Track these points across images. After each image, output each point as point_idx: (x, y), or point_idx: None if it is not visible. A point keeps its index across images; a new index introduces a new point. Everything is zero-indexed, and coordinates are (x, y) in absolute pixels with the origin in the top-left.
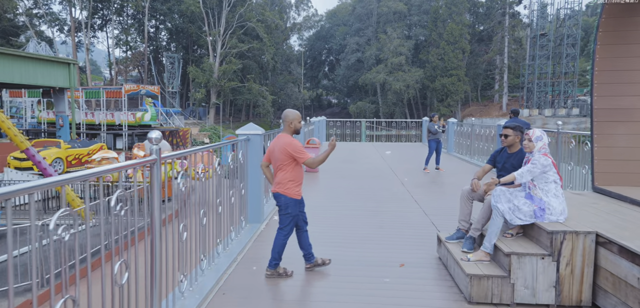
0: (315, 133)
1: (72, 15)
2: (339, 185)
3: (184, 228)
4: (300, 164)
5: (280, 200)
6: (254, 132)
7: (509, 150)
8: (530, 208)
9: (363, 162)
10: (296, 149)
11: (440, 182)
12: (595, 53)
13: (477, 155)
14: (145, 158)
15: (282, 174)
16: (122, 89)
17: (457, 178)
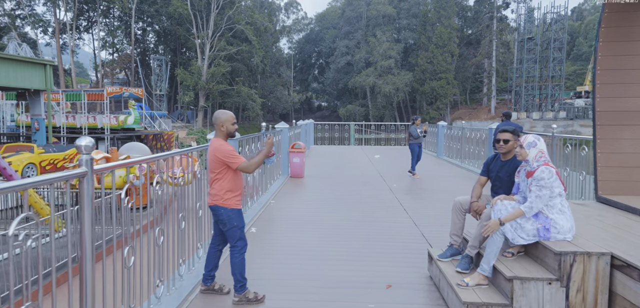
0: (302, 137)
1: (57, 16)
2: (325, 191)
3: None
4: (238, 172)
5: (220, 213)
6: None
7: (502, 157)
8: (534, 226)
9: (351, 166)
10: (226, 153)
11: (430, 188)
12: (597, 51)
13: (467, 159)
14: (72, 171)
15: (219, 184)
16: (104, 92)
17: (448, 184)
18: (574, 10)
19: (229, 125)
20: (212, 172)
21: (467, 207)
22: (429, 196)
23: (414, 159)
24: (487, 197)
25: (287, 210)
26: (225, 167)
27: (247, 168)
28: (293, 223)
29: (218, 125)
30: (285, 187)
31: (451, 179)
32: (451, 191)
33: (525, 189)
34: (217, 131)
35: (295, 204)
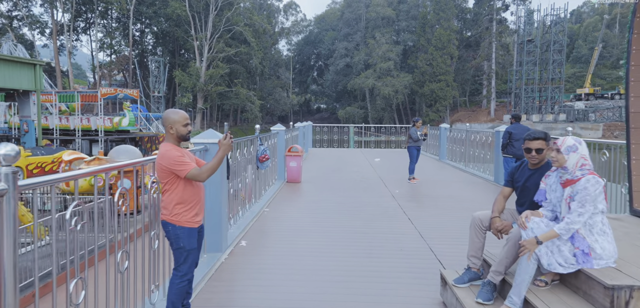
0: (299, 139)
1: (54, 18)
2: (323, 198)
3: None
4: (193, 182)
5: (167, 230)
6: (212, 140)
7: (531, 165)
8: (572, 249)
9: (350, 170)
10: (172, 160)
11: (434, 194)
12: (631, 44)
13: (472, 163)
14: None
15: (167, 196)
16: (98, 93)
17: (453, 190)
18: (573, 13)
19: (180, 127)
20: (161, 182)
21: (488, 224)
22: (434, 203)
23: (413, 163)
24: (510, 212)
25: (281, 219)
26: (173, 176)
27: (199, 176)
28: (287, 236)
29: (167, 128)
30: (281, 193)
31: (455, 184)
32: (456, 198)
33: (556, 201)
34: (166, 134)
35: (290, 213)
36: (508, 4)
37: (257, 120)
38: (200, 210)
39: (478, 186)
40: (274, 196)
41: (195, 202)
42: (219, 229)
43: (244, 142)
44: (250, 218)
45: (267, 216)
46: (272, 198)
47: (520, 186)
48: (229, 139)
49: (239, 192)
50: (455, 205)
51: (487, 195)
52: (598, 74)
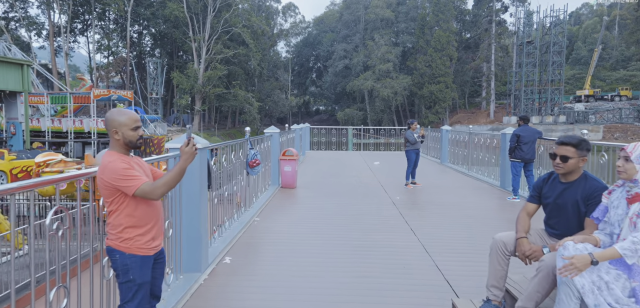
0: (296, 143)
1: (51, 19)
2: (319, 206)
3: None
4: (145, 200)
5: (114, 259)
6: (203, 145)
7: (563, 178)
8: (627, 285)
9: (349, 174)
10: (115, 174)
11: (437, 201)
12: None
13: (476, 167)
14: None
15: (113, 218)
16: (91, 94)
17: (456, 196)
18: (571, 15)
19: (127, 131)
20: (105, 201)
21: (513, 248)
22: (438, 211)
23: (410, 168)
24: (538, 232)
25: (272, 231)
26: (120, 194)
27: (151, 193)
28: (278, 250)
29: (110, 132)
30: (274, 200)
31: (459, 190)
32: (461, 205)
33: (617, 221)
34: (111, 141)
35: (283, 223)
36: (507, 6)
37: (255, 122)
38: (158, 233)
39: (483, 192)
40: (267, 203)
41: (152, 223)
42: (198, 246)
43: (232, 146)
44: (239, 229)
45: (257, 227)
46: (264, 205)
47: (550, 203)
48: (192, 145)
49: (235, 196)
50: (460, 213)
51: (493, 202)
52: (597, 76)
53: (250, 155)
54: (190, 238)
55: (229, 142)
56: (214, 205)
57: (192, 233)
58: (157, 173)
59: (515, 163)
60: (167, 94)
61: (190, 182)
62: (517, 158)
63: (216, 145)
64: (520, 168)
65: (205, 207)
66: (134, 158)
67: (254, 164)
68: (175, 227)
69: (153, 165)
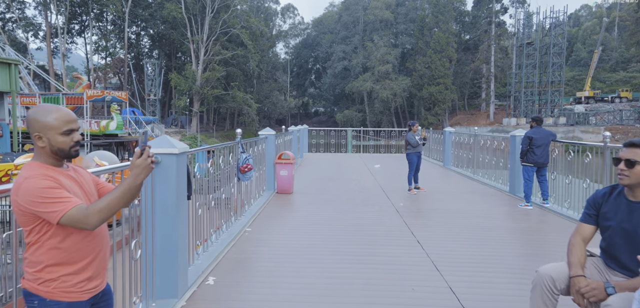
0: (294, 144)
1: (48, 20)
2: (317, 213)
3: None
4: (75, 230)
5: (32, 305)
6: (169, 151)
7: (631, 195)
8: None
9: (348, 178)
10: (31, 196)
11: (444, 209)
12: None
13: (482, 170)
14: None
15: (32, 252)
16: (84, 95)
17: (464, 203)
18: (570, 17)
19: (55, 136)
20: (24, 229)
21: (564, 285)
22: (445, 220)
23: (412, 172)
24: (595, 264)
25: (265, 243)
26: (41, 222)
27: (84, 220)
28: (269, 268)
29: (33, 137)
30: (268, 207)
31: (466, 196)
32: (470, 213)
33: None
34: (34, 147)
35: (276, 234)
36: (507, 7)
37: (254, 123)
38: (98, 269)
39: (492, 198)
40: (260, 211)
41: (88, 258)
42: (174, 267)
43: (221, 149)
44: (227, 242)
45: (248, 239)
46: (257, 213)
47: (612, 226)
48: (146, 157)
49: (230, 201)
50: (469, 223)
51: (503, 209)
52: (597, 77)
53: (241, 160)
54: (164, 259)
55: (217, 145)
56: (198, 216)
57: (167, 253)
58: (105, 188)
59: (527, 168)
60: (165, 96)
61: (165, 192)
62: (529, 162)
63: (198, 150)
64: (532, 174)
65: (184, 221)
66: (66, 170)
67: (246, 169)
68: (145, 246)
69: (100, 177)
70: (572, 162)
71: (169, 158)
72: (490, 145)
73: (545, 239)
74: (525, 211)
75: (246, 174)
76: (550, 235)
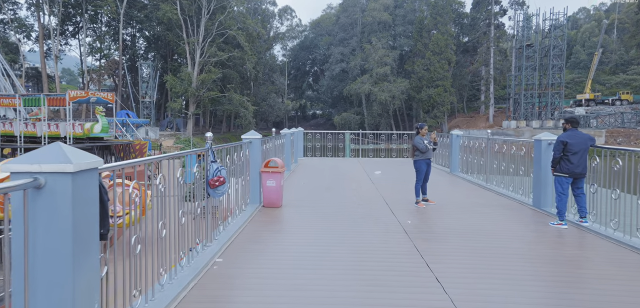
0: (286, 149)
1: (41, 21)
2: (309, 234)
3: None
4: None
5: None
6: (58, 168)
7: None
8: None
9: (346, 187)
10: None
11: (461, 228)
12: None
13: (495, 178)
14: None
15: None
16: (66, 96)
17: (482, 218)
18: (568, 19)
19: None
20: None
21: None
22: (464, 244)
23: (420, 181)
24: None
25: (237, 282)
26: None
27: None
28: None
29: None
30: (250, 226)
31: (483, 210)
32: (493, 234)
33: None
34: None
35: (255, 267)
36: (506, 9)
37: (250, 126)
38: None
39: (514, 212)
40: (239, 232)
41: None
42: None
43: (181, 158)
44: (187, 282)
45: (216, 276)
46: (234, 236)
47: None
48: None
49: (218, 208)
50: (496, 247)
51: (532, 228)
52: (597, 80)
53: (211, 171)
54: None
55: (176, 153)
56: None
57: None
58: None
59: (561, 179)
60: (161, 98)
61: (52, 236)
62: (563, 172)
63: (155, 159)
64: (567, 186)
65: (95, 273)
66: None
67: (216, 183)
68: None
69: None
70: (619, 172)
71: (60, 181)
72: (508, 151)
73: (594, 272)
74: (559, 231)
75: (217, 189)
76: (602, 267)
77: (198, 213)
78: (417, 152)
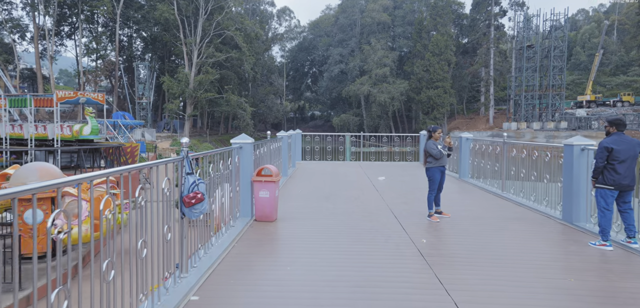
0: (283, 152)
1: (36, 21)
2: (309, 255)
3: None
4: None
5: None
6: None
7: None
8: None
9: (348, 196)
10: None
11: (486, 250)
12: None
13: (513, 185)
14: None
15: None
16: (54, 96)
17: (508, 237)
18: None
19: None
20: None
21: None
22: (494, 272)
23: (434, 192)
24: None
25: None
26: None
27: None
28: None
29: None
30: (238, 247)
31: (506, 225)
32: (525, 257)
33: None
34: None
35: (242, 305)
36: (505, 10)
37: (249, 127)
38: None
39: (541, 228)
40: (225, 254)
41: None
42: None
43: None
44: None
45: None
46: (219, 259)
47: None
48: None
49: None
50: (534, 277)
51: (570, 250)
52: (597, 81)
53: (186, 185)
54: None
55: (144, 164)
56: None
57: None
58: None
59: (604, 192)
60: (158, 99)
61: None
62: (608, 184)
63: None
64: (612, 200)
65: None
66: None
67: (193, 201)
68: None
69: None
70: None
71: None
72: (528, 156)
73: None
74: (603, 254)
75: (194, 208)
76: None
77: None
78: (430, 158)
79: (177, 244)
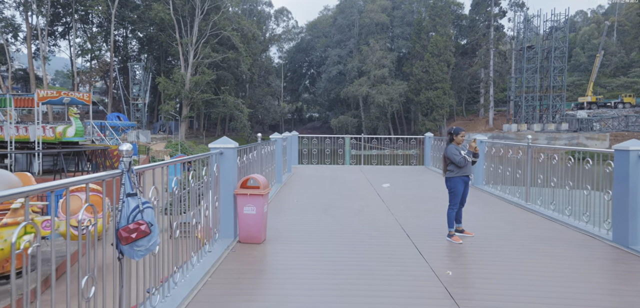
0: (278, 156)
1: (28, 21)
2: (305, 294)
3: None
4: None
5: None
6: None
7: None
8: None
9: (350, 208)
10: None
11: (528, 287)
12: None
13: (539, 195)
14: None
15: None
16: (35, 96)
17: (548, 263)
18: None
19: None
20: None
21: None
22: None
23: (455, 207)
24: None
25: None
26: None
27: None
28: None
29: None
30: (213, 280)
31: (543, 247)
32: (583, 298)
33: None
34: None
35: None
36: (505, 11)
37: (245, 129)
38: None
39: (589, 252)
40: (195, 294)
41: None
42: None
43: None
44: None
45: None
46: (188, 301)
47: None
48: None
49: None
50: None
51: (635, 286)
52: (598, 82)
53: (125, 212)
54: None
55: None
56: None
57: None
58: None
59: None
60: (154, 100)
61: None
62: None
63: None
64: None
65: None
66: None
67: (132, 235)
68: None
69: None
70: None
71: None
72: (561, 162)
73: None
74: None
75: (136, 245)
76: None
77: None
78: (451, 166)
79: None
